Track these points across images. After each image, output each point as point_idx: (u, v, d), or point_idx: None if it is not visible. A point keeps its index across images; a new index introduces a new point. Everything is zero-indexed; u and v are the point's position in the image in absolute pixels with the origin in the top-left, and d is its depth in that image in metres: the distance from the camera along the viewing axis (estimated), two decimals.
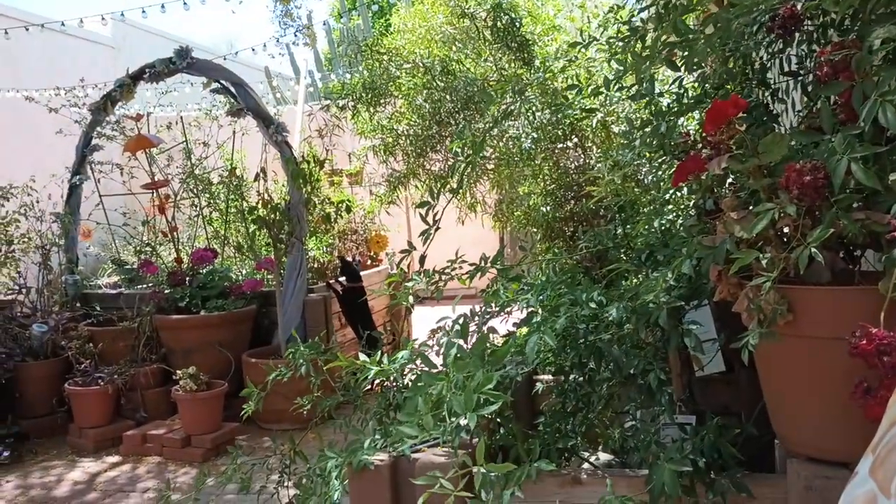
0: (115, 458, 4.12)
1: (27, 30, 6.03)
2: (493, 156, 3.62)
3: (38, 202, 5.14)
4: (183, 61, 4.87)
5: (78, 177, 5.32)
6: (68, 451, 4.26)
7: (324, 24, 8.61)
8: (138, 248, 5.53)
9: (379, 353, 1.85)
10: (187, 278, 4.87)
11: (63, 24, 6.22)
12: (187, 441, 4.07)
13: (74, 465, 4.04)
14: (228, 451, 4.01)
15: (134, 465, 4.02)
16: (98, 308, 4.91)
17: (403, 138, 4.05)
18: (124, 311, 4.79)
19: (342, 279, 4.98)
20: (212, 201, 5.62)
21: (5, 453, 4.00)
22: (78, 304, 5.01)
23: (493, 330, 1.76)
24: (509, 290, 1.78)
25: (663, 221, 1.88)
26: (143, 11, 5.50)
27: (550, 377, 1.94)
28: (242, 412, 2.23)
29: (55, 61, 7.94)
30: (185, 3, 5.16)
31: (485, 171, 3.83)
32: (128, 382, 4.41)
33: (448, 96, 3.78)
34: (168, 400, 4.37)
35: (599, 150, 3.27)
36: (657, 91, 1.75)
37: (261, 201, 4.69)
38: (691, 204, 1.79)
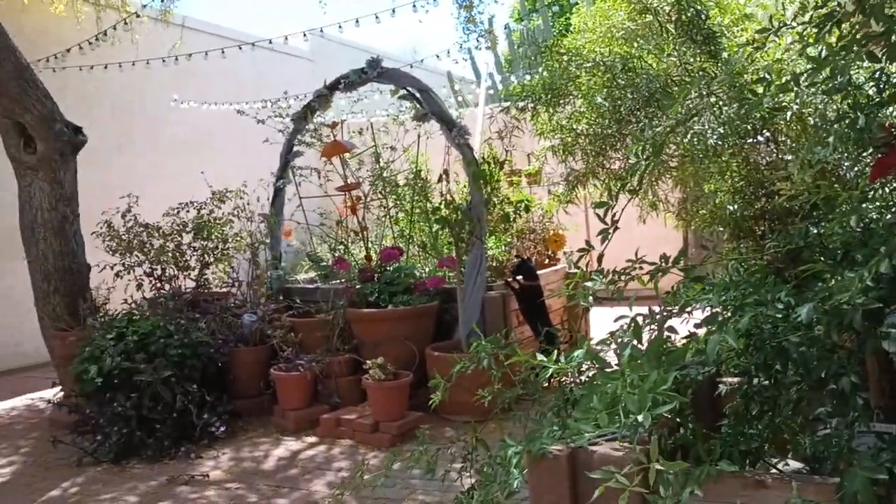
0: (312, 439, 4.49)
1: (240, 48, 6.70)
2: (676, 153, 3.53)
3: (248, 204, 5.71)
4: (374, 71, 5.20)
5: (281, 181, 5.85)
6: (273, 430, 4.69)
7: (505, 27, 8.77)
8: (332, 246, 5.96)
9: (556, 350, 1.90)
10: (376, 275, 5.18)
11: (270, 42, 6.84)
12: (376, 427, 4.34)
13: (279, 443, 4.46)
14: (416, 436, 4.25)
15: (329, 446, 4.36)
16: (298, 301, 5.38)
17: (582, 138, 4.05)
18: (320, 304, 5.20)
19: (520, 277, 5.08)
20: (398, 202, 5.94)
21: (222, 428, 4.50)
22: (281, 297, 5.50)
23: (672, 330, 1.75)
24: (691, 290, 1.77)
25: (863, 218, 1.77)
26: (340, 27, 5.92)
27: (735, 379, 1.89)
28: (430, 402, 2.36)
29: (262, 76, 8.74)
30: (376, 17, 5.50)
31: (667, 168, 3.74)
32: (323, 370, 4.79)
33: (629, 94, 3.74)
34: (358, 387, 4.68)
35: (793, 145, 3.09)
36: (855, 81, 1.65)
37: (443, 202, 4.90)
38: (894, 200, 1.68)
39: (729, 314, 1.56)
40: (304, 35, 6.46)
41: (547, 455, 1.57)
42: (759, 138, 3.33)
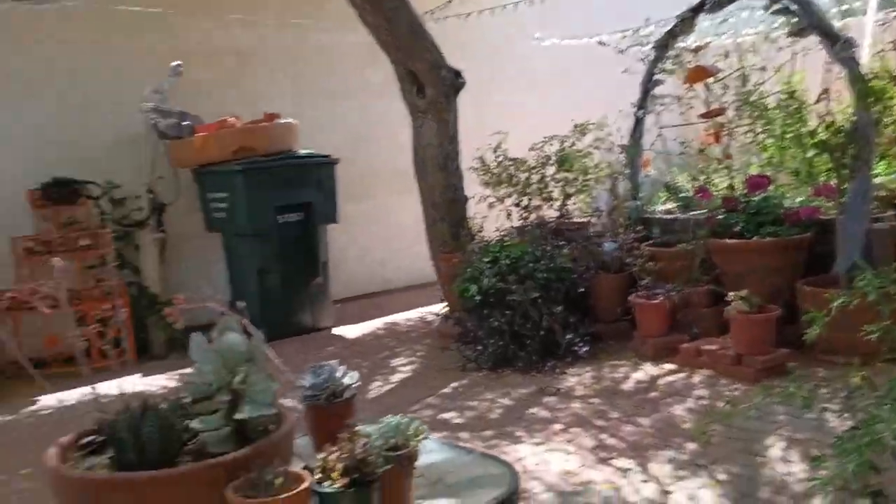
0: (671, 366, 4.56)
1: None
2: None
3: (609, 136, 5.84)
4: None
5: (641, 111, 5.84)
6: (631, 355, 4.86)
7: None
8: (693, 175, 5.82)
9: None
10: (741, 205, 4.96)
11: None
12: (738, 360, 4.25)
13: (636, 368, 4.61)
14: (786, 372, 4.08)
15: (688, 374, 4.39)
16: (656, 231, 5.41)
17: None
18: (679, 234, 5.16)
19: None
20: (767, 127, 5.55)
21: (584, 348, 4.80)
22: (639, 227, 5.57)
23: None
24: None
25: None
26: None
27: None
28: (803, 337, 2.27)
29: (622, 5, 8.66)
30: None
31: None
32: (682, 300, 4.79)
33: None
34: (718, 319, 4.59)
35: None
36: None
37: (822, 124, 4.46)
38: None
39: None
40: None
41: None
42: None
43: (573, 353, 4.79)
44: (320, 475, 1.77)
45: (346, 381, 2.37)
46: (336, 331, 6.26)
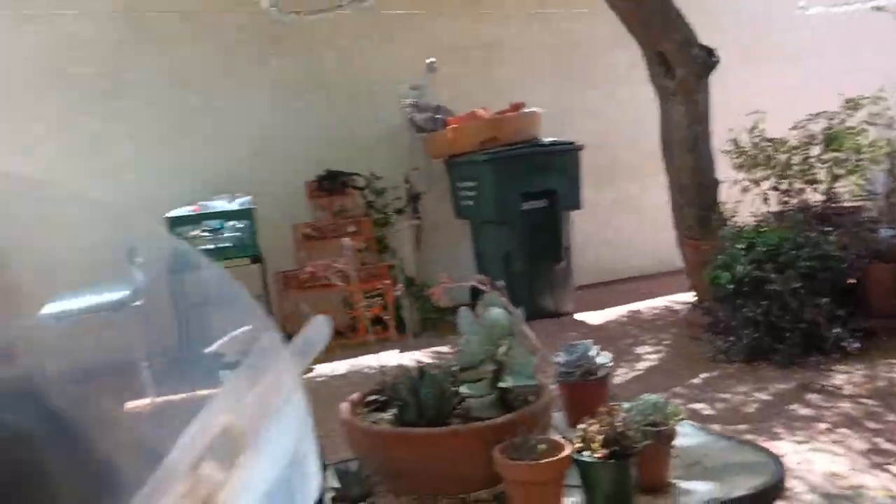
0: None
1: None
2: None
3: (887, 110, 5.23)
4: None
5: None
6: None
7: None
8: None
9: None
10: None
11: None
12: None
13: None
14: None
15: None
16: None
17: None
18: None
19: None
20: None
21: (855, 344, 4.37)
22: None
23: None
24: None
25: None
26: None
27: None
28: None
29: None
30: None
31: None
32: None
33: None
34: None
35: None
36: None
37: None
38: None
39: None
40: None
41: None
42: None
43: (841, 348, 4.39)
44: (580, 445, 1.84)
45: (600, 360, 2.42)
46: (578, 316, 6.31)
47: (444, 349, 5.20)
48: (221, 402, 0.55)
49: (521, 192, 6.15)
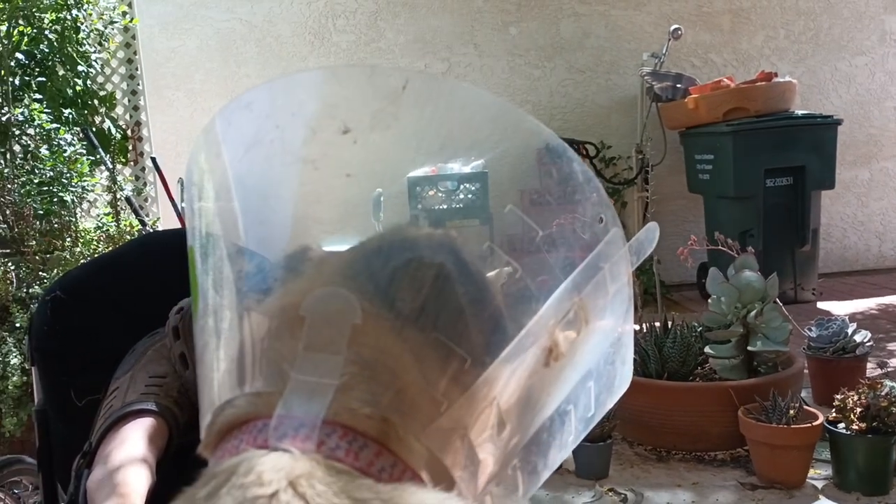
0: None
1: None
2: None
3: None
4: None
5: None
6: None
7: None
8: None
9: None
10: None
11: None
12: None
13: None
14: None
15: None
16: None
17: None
18: None
19: None
20: None
21: None
22: None
23: None
24: None
25: None
26: None
27: None
28: None
29: None
30: None
31: None
32: None
33: None
34: None
35: None
36: None
37: None
38: None
39: None
40: None
41: None
42: None
43: None
44: (836, 416, 1.78)
45: (858, 338, 2.28)
46: (821, 305, 5.85)
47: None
48: (576, 280, 0.65)
49: (765, 167, 5.79)
